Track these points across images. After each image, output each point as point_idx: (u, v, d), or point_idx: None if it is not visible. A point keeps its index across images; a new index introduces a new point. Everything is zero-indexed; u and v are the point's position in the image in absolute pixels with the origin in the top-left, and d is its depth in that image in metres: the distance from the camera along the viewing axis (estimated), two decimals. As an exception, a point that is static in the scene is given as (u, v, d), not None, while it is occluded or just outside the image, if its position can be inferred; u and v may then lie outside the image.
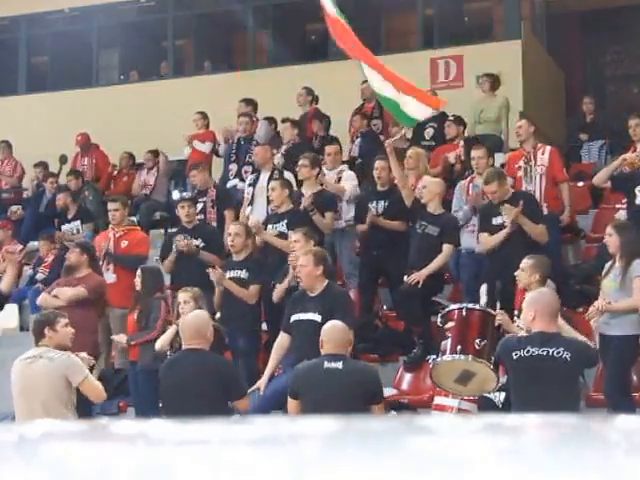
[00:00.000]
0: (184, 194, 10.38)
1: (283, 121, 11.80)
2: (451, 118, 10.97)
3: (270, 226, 9.05)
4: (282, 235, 8.68)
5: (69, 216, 11.78)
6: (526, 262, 7.04)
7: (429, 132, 11.60)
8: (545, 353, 5.62)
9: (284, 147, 11.42)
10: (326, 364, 5.85)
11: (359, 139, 11.70)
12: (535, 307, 5.78)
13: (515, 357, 5.70)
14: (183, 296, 7.69)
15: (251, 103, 12.30)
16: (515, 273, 7.05)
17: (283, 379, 6.95)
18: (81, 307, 8.34)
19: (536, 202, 8.44)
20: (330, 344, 5.90)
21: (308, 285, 7.20)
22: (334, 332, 5.96)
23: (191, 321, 6.25)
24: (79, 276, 8.77)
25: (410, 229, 8.89)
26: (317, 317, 6.96)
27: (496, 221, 8.13)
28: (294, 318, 7.17)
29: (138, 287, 8.39)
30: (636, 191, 8.32)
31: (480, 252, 8.47)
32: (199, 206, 9.88)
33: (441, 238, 8.35)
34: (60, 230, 11.68)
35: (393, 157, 8.58)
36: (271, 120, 12.33)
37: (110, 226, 9.89)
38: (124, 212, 9.87)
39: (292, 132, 11.54)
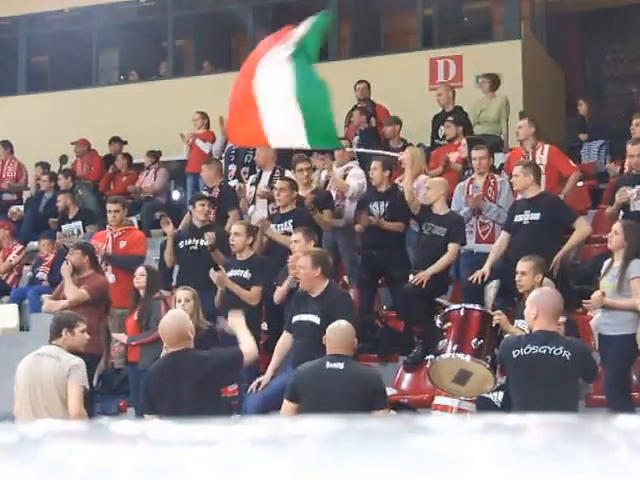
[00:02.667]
0: (202, 192, 10.32)
1: None
2: (450, 119, 10.94)
3: (273, 226, 9.06)
4: (287, 235, 8.66)
5: (70, 216, 11.78)
6: (526, 265, 7.00)
7: (442, 130, 11.55)
8: (545, 351, 5.62)
9: None
10: (328, 364, 5.85)
11: (357, 137, 11.61)
12: (537, 306, 5.76)
13: (515, 355, 5.70)
14: (184, 294, 7.67)
15: None
16: (516, 278, 7.02)
17: (283, 379, 6.95)
18: (83, 308, 8.33)
19: (561, 203, 8.36)
20: (335, 343, 5.90)
21: (307, 286, 7.19)
22: (340, 332, 5.96)
23: (172, 324, 5.87)
24: (81, 277, 8.76)
25: (408, 230, 8.92)
26: (316, 319, 6.96)
27: (517, 218, 8.11)
28: (295, 319, 7.18)
29: (140, 286, 8.36)
30: (629, 192, 8.34)
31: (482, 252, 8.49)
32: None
33: (447, 238, 8.36)
34: (59, 230, 11.69)
35: (409, 172, 8.53)
36: None
37: (108, 226, 9.89)
38: (124, 213, 9.89)
39: None
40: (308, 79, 7.65)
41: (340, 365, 5.82)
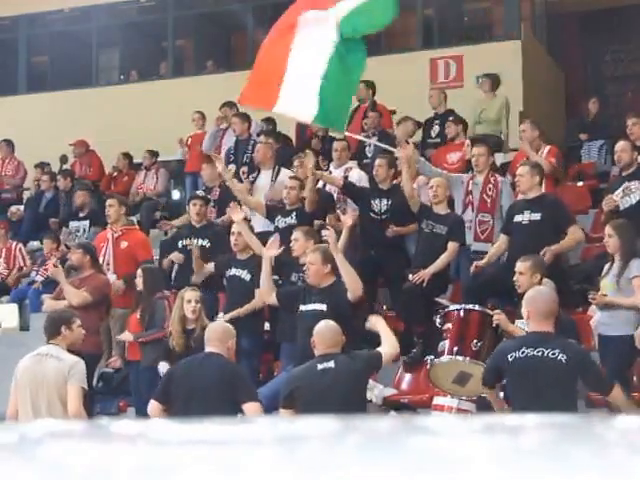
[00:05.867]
0: (198, 192, 10.33)
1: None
2: (451, 118, 10.97)
3: (279, 217, 9.05)
4: (291, 227, 8.62)
5: (82, 214, 11.77)
6: (523, 265, 6.97)
7: (435, 130, 11.58)
8: (540, 354, 5.50)
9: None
10: (319, 365, 5.85)
11: (376, 137, 11.49)
12: (529, 307, 5.68)
13: (511, 359, 5.61)
14: (194, 295, 7.67)
15: (234, 105, 12.29)
16: (514, 278, 7.01)
17: (284, 378, 6.95)
18: (84, 308, 8.33)
19: (561, 206, 8.32)
20: (322, 345, 5.91)
21: (315, 282, 7.16)
22: (327, 332, 5.96)
23: (217, 327, 6.39)
24: (82, 277, 8.76)
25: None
26: (323, 306, 6.97)
27: (517, 218, 8.11)
28: (301, 309, 7.18)
29: (139, 287, 8.37)
30: (614, 197, 8.36)
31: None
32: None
33: (448, 236, 8.37)
34: (59, 230, 11.70)
35: (406, 169, 8.56)
36: (268, 121, 12.35)
37: (108, 226, 9.87)
38: (119, 209, 9.80)
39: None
40: (346, 58, 7.66)
41: (331, 364, 5.83)
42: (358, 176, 9.90)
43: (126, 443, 1.34)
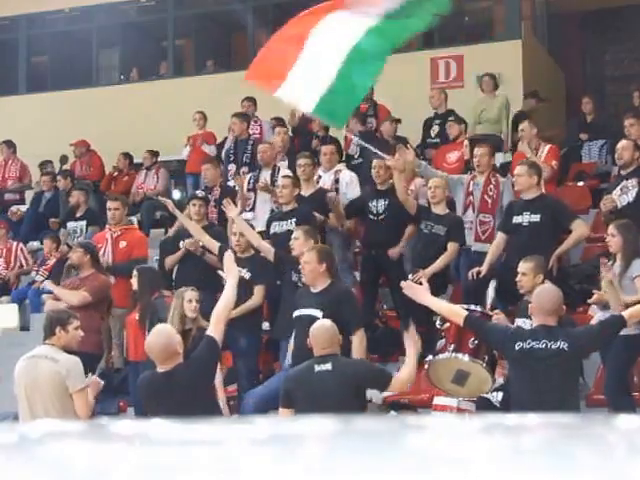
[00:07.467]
0: (197, 192, 10.32)
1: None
2: (452, 118, 10.97)
3: (276, 223, 9.03)
4: (291, 233, 8.60)
5: (77, 214, 11.78)
6: (526, 266, 6.98)
7: (435, 130, 11.59)
8: (544, 346, 5.66)
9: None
10: (316, 367, 5.79)
11: (357, 137, 11.53)
12: (533, 302, 5.88)
13: (517, 348, 5.71)
14: (195, 295, 7.65)
15: (253, 101, 12.36)
16: (516, 279, 7.01)
17: (282, 378, 6.94)
18: (84, 307, 8.32)
19: (560, 204, 8.32)
20: (318, 346, 5.87)
21: (311, 281, 7.15)
22: (324, 332, 5.91)
23: (158, 341, 5.51)
24: (82, 276, 8.75)
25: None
26: (318, 313, 6.90)
27: (516, 220, 8.10)
28: (295, 314, 7.15)
29: (135, 287, 8.36)
30: (613, 196, 8.36)
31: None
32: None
33: (448, 237, 8.37)
34: (63, 228, 11.71)
35: (397, 173, 8.54)
36: (279, 120, 12.36)
37: (107, 226, 9.87)
38: (124, 211, 9.86)
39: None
40: (369, 54, 7.52)
41: (328, 366, 5.75)
42: (349, 178, 9.89)
43: (126, 443, 1.34)
